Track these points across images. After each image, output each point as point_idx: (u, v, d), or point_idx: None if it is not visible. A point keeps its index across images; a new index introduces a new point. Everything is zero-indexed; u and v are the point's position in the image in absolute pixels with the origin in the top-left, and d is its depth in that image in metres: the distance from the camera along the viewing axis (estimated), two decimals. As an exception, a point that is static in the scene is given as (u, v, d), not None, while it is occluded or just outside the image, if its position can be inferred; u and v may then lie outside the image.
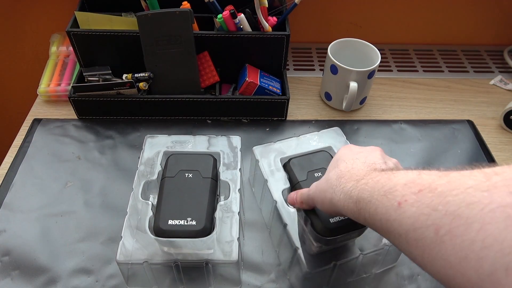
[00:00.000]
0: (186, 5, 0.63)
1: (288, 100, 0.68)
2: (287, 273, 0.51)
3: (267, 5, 0.65)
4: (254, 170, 0.57)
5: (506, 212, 0.21)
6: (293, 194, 0.47)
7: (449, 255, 0.24)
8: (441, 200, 0.25)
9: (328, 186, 0.38)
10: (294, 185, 0.51)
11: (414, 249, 0.27)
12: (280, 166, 0.54)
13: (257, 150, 0.56)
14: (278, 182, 0.52)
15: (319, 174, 0.50)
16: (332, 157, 0.52)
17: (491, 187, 0.23)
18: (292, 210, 0.49)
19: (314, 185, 0.42)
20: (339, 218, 0.45)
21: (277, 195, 0.51)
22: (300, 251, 0.46)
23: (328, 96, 0.73)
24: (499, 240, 0.21)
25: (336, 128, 0.59)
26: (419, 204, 0.26)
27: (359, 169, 0.36)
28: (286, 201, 0.50)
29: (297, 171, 0.51)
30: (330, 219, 0.45)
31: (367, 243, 0.48)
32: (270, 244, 0.54)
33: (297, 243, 0.47)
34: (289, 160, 0.53)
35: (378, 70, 0.77)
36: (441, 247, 0.24)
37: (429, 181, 0.27)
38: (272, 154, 0.55)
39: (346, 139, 0.57)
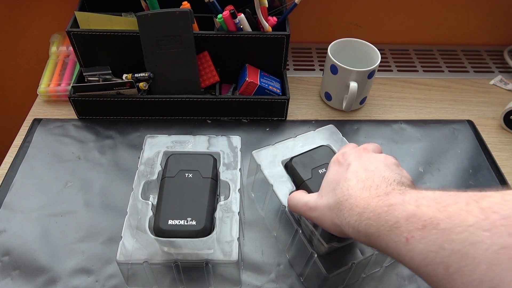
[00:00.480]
0: (186, 5, 0.63)
1: (288, 100, 0.68)
2: (301, 278, 0.50)
3: (267, 5, 0.65)
4: (254, 175, 0.55)
5: (509, 254, 0.22)
6: (299, 208, 0.45)
7: None
8: (445, 238, 0.26)
9: (333, 215, 0.38)
10: (300, 184, 0.50)
11: (429, 283, 0.28)
12: (282, 168, 0.53)
13: (257, 154, 0.54)
14: (282, 186, 0.51)
15: (323, 170, 0.49)
16: (333, 152, 0.53)
17: (491, 226, 0.24)
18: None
19: (314, 204, 0.42)
20: None
21: (285, 200, 0.49)
22: (316, 255, 0.45)
23: (328, 96, 0.73)
24: (505, 281, 0.22)
25: (331, 126, 0.58)
26: (426, 241, 0.27)
27: (356, 197, 0.36)
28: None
29: (301, 170, 0.50)
30: None
31: None
32: (270, 244, 0.54)
33: (311, 248, 0.46)
34: (291, 159, 0.52)
35: (378, 70, 0.77)
36: (453, 284, 0.25)
37: (430, 216, 0.28)
38: (272, 157, 0.54)
39: (346, 139, 0.57)
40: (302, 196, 0.45)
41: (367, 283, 0.51)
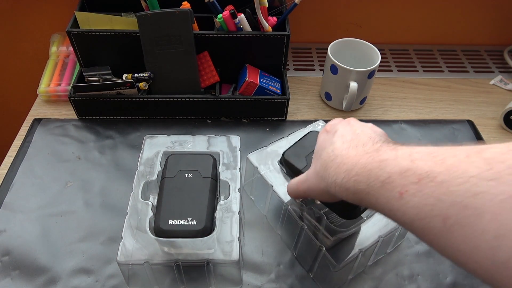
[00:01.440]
0: (186, 5, 0.63)
1: (288, 100, 0.68)
2: (310, 273, 0.51)
3: (267, 5, 0.65)
4: (252, 177, 0.56)
5: None
6: (293, 186, 0.44)
7: (460, 243, 0.24)
8: (444, 190, 0.25)
9: (319, 179, 0.37)
10: (298, 174, 0.50)
11: (421, 237, 0.27)
12: (278, 168, 0.53)
13: (253, 157, 0.55)
14: (282, 185, 0.51)
15: None
16: None
17: (497, 176, 0.23)
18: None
19: (304, 178, 0.41)
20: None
21: (286, 198, 0.50)
22: (323, 248, 0.46)
23: (328, 96, 0.73)
24: None
25: (320, 121, 0.59)
26: (422, 194, 0.26)
27: (343, 156, 0.34)
28: (294, 201, 0.50)
29: (295, 161, 0.50)
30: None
31: (377, 227, 0.48)
32: (270, 244, 0.54)
33: (319, 242, 0.47)
34: (283, 154, 0.52)
35: (378, 70, 0.77)
36: (450, 236, 0.24)
37: (426, 170, 0.27)
38: (268, 158, 0.55)
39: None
40: (295, 178, 0.44)
41: (367, 283, 0.51)
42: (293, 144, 0.52)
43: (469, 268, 0.25)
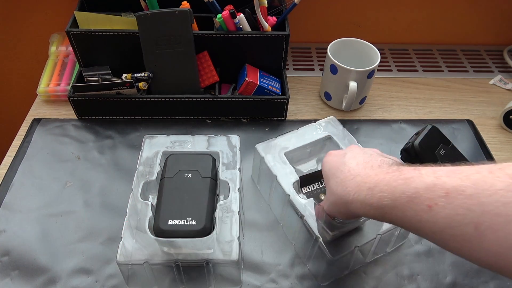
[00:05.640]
0: (185, 5, 0.63)
1: (287, 100, 0.68)
2: (307, 263, 0.52)
3: (266, 5, 0.65)
4: (259, 167, 0.57)
5: None
6: (318, 208, 0.47)
7: (492, 246, 0.27)
8: (474, 201, 0.28)
9: (337, 198, 0.39)
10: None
11: (451, 243, 0.30)
12: (285, 159, 0.54)
13: (260, 147, 0.56)
14: (286, 176, 0.52)
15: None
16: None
17: None
18: (304, 201, 0.50)
19: (325, 201, 0.44)
20: None
21: (289, 189, 0.51)
22: (321, 239, 0.47)
23: (327, 96, 0.73)
24: None
25: (331, 118, 0.60)
26: (452, 206, 0.29)
27: (362, 175, 0.37)
28: (297, 193, 0.51)
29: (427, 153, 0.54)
30: None
31: (377, 225, 0.49)
32: (270, 244, 0.54)
33: (317, 233, 0.47)
34: (412, 144, 0.56)
35: (378, 70, 0.77)
36: (483, 240, 0.28)
37: (454, 185, 0.29)
38: (275, 150, 0.56)
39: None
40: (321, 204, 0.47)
41: (367, 282, 0.51)
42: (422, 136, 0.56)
43: (498, 266, 0.28)
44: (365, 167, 0.38)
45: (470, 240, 0.28)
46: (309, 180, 0.54)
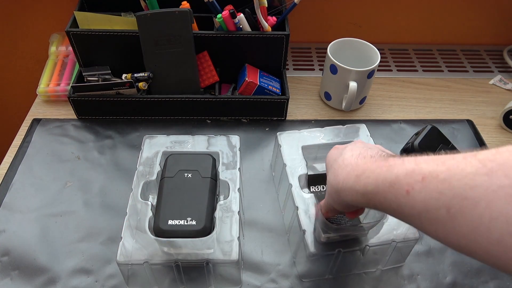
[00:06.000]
0: (185, 5, 0.63)
1: (287, 100, 0.68)
2: (294, 258, 0.52)
3: (266, 5, 0.65)
4: (276, 155, 0.58)
5: (505, 191, 0.26)
6: (317, 207, 0.49)
7: (461, 227, 0.28)
8: (446, 185, 0.29)
9: (331, 188, 0.42)
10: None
11: (428, 226, 0.31)
12: (301, 153, 0.55)
13: (281, 136, 0.57)
14: (296, 168, 0.53)
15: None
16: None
17: (488, 171, 0.28)
18: (307, 196, 0.50)
19: (325, 197, 0.45)
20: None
21: (293, 180, 0.52)
22: (307, 233, 0.47)
23: (327, 96, 0.73)
24: (503, 213, 0.26)
25: (363, 125, 0.60)
26: (426, 190, 0.30)
27: (353, 164, 0.39)
28: (302, 187, 0.52)
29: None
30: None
31: (376, 239, 0.49)
32: (270, 244, 0.54)
33: (305, 226, 0.48)
34: (412, 144, 0.57)
35: (378, 70, 0.77)
36: (454, 223, 0.29)
37: (429, 170, 0.31)
38: (294, 141, 0.57)
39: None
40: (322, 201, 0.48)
41: (367, 282, 0.51)
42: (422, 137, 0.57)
43: (469, 249, 0.29)
44: (358, 158, 0.40)
45: (443, 223, 0.30)
46: (317, 180, 0.55)
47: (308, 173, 0.53)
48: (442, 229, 0.30)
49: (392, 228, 0.48)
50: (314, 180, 0.54)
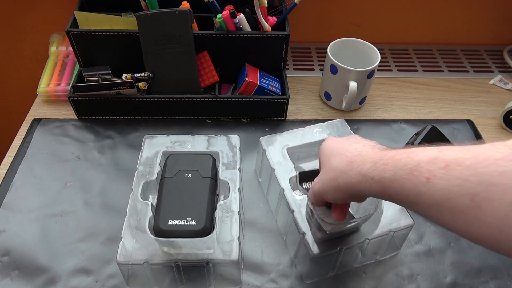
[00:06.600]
0: (185, 5, 0.63)
1: (287, 100, 0.68)
2: (294, 260, 0.52)
3: (266, 5, 0.65)
4: (261, 160, 0.58)
5: None
6: (310, 190, 0.46)
7: (486, 216, 0.27)
8: (471, 172, 0.28)
9: (337, 173, 0.39)
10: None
11: (447, 216, 0.30)
12: (286, 155, 0.55)
13: (264, 140, 0.57)
14: (285, 171, 0.53)
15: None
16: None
17: None
18: (299, 198, 0.50)
19: (317, 180, 0.43)
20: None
21: (284, 183, 0.52)
22: (307, 235, 0.47)
23: (327, 96, 0.73)
24: None
25: (341, 120, 0.60)
26: (449, 177, 0.29)
27: (369, 152, 0.38)
28: (293, 189, 0.51)
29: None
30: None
31: (371, 230, 0.49)
32: (270, 244, 0.54)
33: (304, 229, 0.48)
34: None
35: (378, 70, 0.77)
36: (478, 211, 0.27)
37: (454, 157, 0.29)
38: (279, 144, 0.56)
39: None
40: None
41: (367, 282, 0.51)
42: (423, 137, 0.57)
43: (493, 240, 0.27)
44: (373, 147, 0.39)
45: (465, 212, 0.28)
46: (308, 177, 0.54)
47: (299, 171, 0.53)
48: (463, 219, 0.29)
49: (388, 222, 0.49)
50: (305, 177, 0.54)
